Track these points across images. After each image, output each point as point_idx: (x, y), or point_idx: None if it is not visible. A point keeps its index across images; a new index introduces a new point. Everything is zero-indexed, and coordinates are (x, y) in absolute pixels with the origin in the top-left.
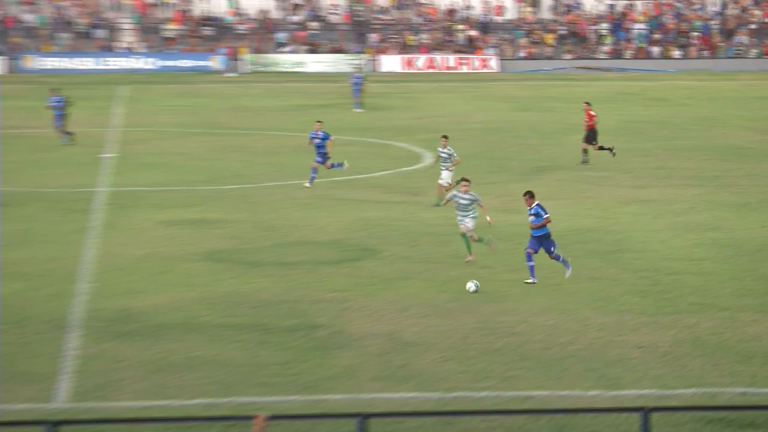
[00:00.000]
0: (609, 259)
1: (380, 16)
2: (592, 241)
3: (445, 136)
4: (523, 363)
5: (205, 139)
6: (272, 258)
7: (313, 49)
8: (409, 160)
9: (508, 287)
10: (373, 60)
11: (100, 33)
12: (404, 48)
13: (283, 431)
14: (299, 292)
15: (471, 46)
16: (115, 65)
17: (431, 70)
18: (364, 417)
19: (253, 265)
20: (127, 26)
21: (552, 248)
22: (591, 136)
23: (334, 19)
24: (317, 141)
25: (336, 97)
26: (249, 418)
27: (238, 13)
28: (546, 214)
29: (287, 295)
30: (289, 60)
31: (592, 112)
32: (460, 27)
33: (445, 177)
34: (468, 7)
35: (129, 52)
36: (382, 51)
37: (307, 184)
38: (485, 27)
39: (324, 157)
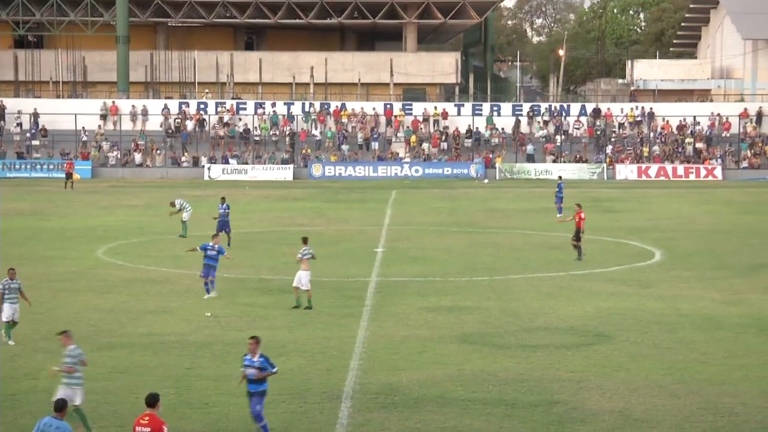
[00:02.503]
0: None
1: (618, 131)
2: None
3: (305, 239)
4: None
5: (460, 237)
6: (517, 341)
7: (557, 159)
8: (640, 256)
9: (729, 371)
10: (612, 168)
11: (375, 145)
12: (639, 158)
13: None
14: (540, 371)
15: (699, 157)
16: (386, 173)
17: (663, 178)
18: None
19: (500, 347)
20: (396, 140)
21: (258, 405)
22: (578, 234)
23: (577, 133)
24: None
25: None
26: None
27: (494, 128)
28: (275, 367)
29: (530, 374)
30: (536, 168)
31: (582, 215)
32: (689, 140)
33: (302, 276)
34: (696, 123)
35: (399, 161)
36: (620, 161)
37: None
38: (711, 140)
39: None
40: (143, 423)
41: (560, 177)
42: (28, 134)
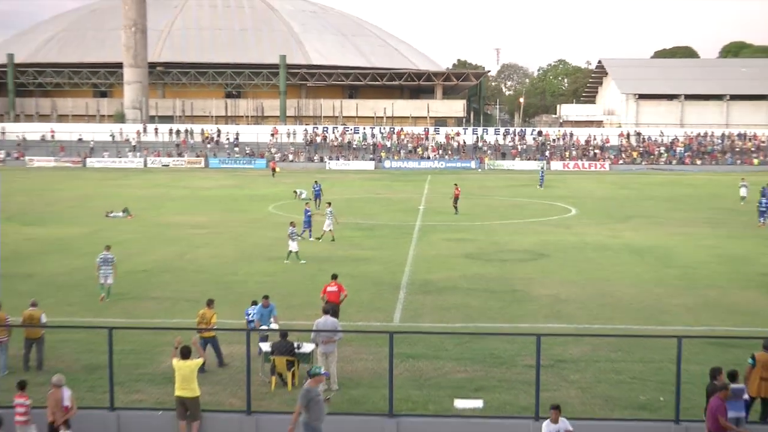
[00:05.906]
0: (662, 259)
1: (552, 143)
2: (656, 249)
3: (328, 203)
4: (619, 311)
5: (466, 201)
6: (496, 257)
7: (514, 157)
8: (563, 211)
9: (612, 273)
10: (548, 164)
11: (420, 150)
12: (564, 158)
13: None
14: (509, 274)
15: (596, 157)
16: (424, 165)
17: (576, 169)
18: (485, 335)
19: (487, 260)
20: (431, 143)
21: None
22: (455, 201)
23: (530, 144)
24: (309, 214)
25: (530, 181)
26: (484, 334)
27: (485, 142)
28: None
29: (503, 275)
30: (507, 164)
31: (458, 190)
32: (591, 148)
33: (327, 224)
34: (593, 138)
35: (431, 158)
36: (552, 159)
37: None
38: (603, 148)
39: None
40: (332, 284)
41: (542, 167)
42: (233, 145)
